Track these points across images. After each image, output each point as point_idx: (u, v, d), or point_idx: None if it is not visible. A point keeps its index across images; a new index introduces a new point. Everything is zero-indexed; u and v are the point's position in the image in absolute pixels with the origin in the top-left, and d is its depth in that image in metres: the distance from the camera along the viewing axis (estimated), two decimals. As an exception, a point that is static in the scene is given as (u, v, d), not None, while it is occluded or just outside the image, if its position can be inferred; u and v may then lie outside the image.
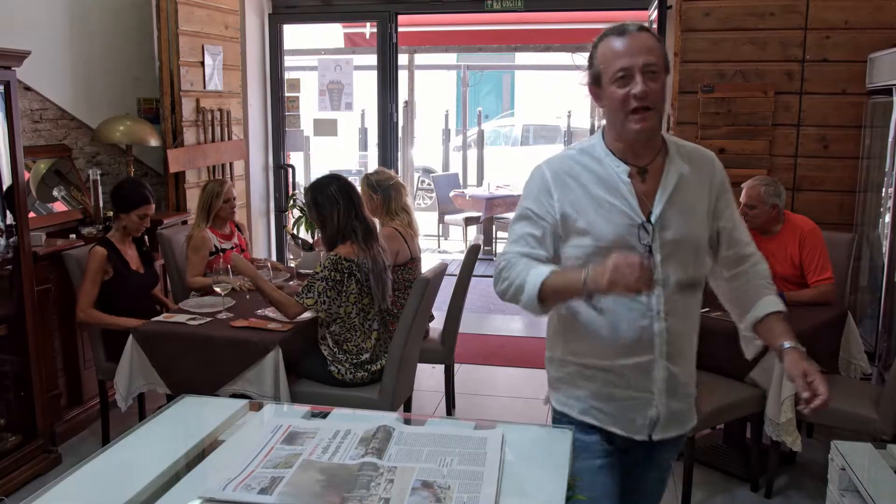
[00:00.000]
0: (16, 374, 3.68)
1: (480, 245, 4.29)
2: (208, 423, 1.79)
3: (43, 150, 4.46)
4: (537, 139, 14.67)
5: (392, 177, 4.10)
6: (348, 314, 3.32)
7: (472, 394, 4.79)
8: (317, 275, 3.28)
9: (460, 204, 9.29)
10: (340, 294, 3.27)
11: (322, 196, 3.35)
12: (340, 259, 3.27)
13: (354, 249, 3.31)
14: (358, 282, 3.30)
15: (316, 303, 3.26)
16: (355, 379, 3.37)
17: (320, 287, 3.26)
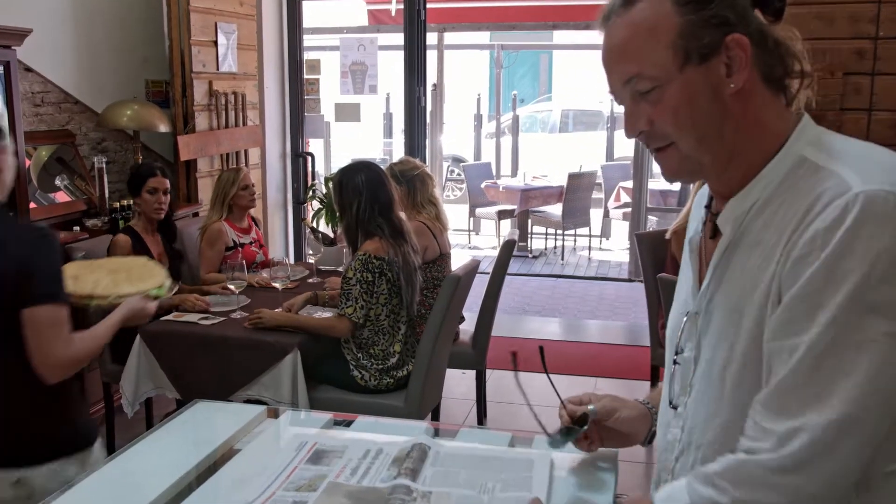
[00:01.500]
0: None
1: (515, 240, 4.26)
2: (223, 431, 1.79)
3: (44, 135, 4.51)
4: (577, 126, 14.59)
5: (418, 166, 4.09)
6: (378, 316, 3.32)
7: (506, 402, 4.77)
8: (349, 279, 3.29)
9: (493, 196, 9.26)
10: (372, 295, 3.28)
11: (348, 181, 3.36)
12: (370, 257, 3.27)
13: (384, 246, 3.31)
14: (388, 281, 3.30)
15: (355, 309, 3.28)
16: (380, 385, 3.37)
17: (356, 291, 3.27)
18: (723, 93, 1.13)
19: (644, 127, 1.17)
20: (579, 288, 7.69)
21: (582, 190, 8.71)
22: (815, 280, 1.02)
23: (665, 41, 1.12)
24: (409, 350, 3.45)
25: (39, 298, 1.96)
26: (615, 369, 5.31)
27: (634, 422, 1.59)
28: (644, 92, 1.15)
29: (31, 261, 1.96)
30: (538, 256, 9.02)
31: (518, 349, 1.68)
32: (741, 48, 1.12)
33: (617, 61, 1.17)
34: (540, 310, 6.92)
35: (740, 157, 1.17)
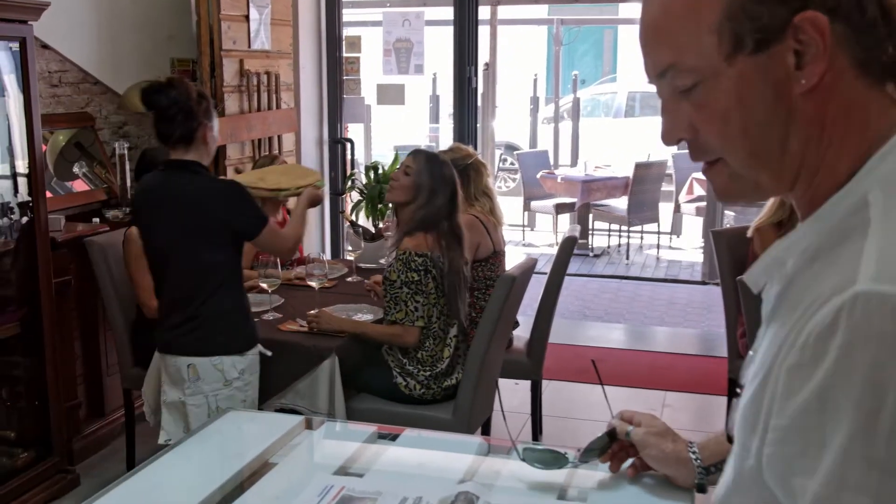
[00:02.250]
0: (29, 379, 3.79)
1: (576, 237, 4.24)
2: (257, 443, 1.81)
3: (62, 118, 4.59)
4: (645, 109, 14.46)
5: (471, 154, 4.09)
6: (429, 317, 3.34)
7: (563, 416, 4.76)
8: (393, 282, 3.31)
9: (550, 187, 9.22)
10: (423, 295, 3.30)
11: (438, 169, 3.40)
12: (411, 255, 3.28)
13: (427, 242, 3.31)
14: (434, 279, 3.31)
15: (406, 314, 3.30)
16: (426, 395, 3.38)
17: (404, 294, 3.29)
18: (789, 91, 0.94)
19: (685, 135, 1.00)
20: (646, 291, 7.63)
21: (650, 181, 8.64)
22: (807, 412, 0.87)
23: (708, 23, 0.94)
24: (459, 357, 3.45)
25: (255, 229, 3.02)
26: (687, 382, 5.26)
27: (666, 464, 1.64)
28: (685, 89, 0.98)
29: (233, 212, 2.98)
30: (600, 255, 8.97)
31: (576, 358, 1.67)
32: (817, 30, 0.91)
33: (650, 46, 1.01)
34: (602, 315, 6.88)
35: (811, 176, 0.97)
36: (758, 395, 0.96)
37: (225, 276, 3.04)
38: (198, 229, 2.98)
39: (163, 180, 3.08)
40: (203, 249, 2.99)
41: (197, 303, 3.01)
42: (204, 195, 3.00)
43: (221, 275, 3.03)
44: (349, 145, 6.73)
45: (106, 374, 4.33)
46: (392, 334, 3.36)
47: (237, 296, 3.09)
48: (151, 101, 3.02)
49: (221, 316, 3.03)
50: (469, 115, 6.39)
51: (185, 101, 2.99)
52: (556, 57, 14.25)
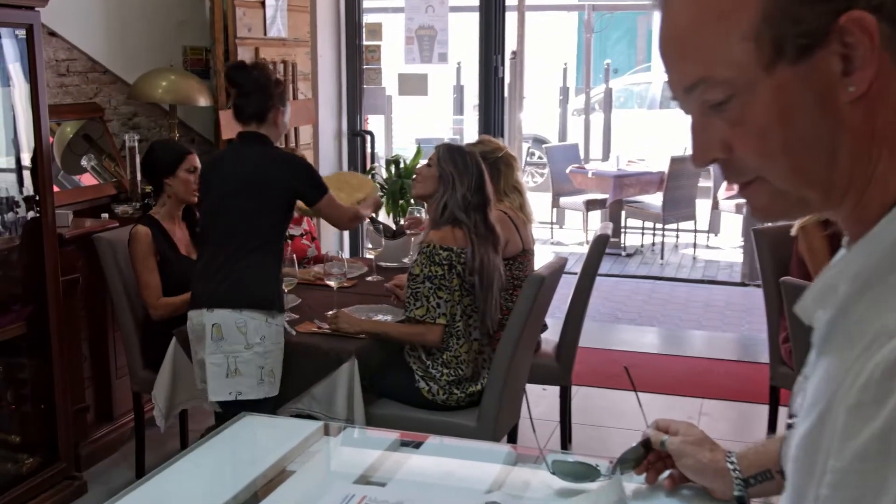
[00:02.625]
0: (35, 382, 3.83)
1: (609, 235, 4.23)
2: (273, 450, 1.82)
3: (69, 109, 4.62)
4: (681, 100, 14.38)
5: (500, 147, 4.09)
6: (452, 315, 3.34)
7: (593, 424, 4.75)
8: (416, 276, 3.31)
9: (580, 183, 9.20)
10: (445, 291, 3.30)
11: (461, 157, 3.42)
12: (435, 249, 3.29)
13: (455, 236, 3.32)
14: (459, 276, 3.31)
15: (427, 311, 3.30)
16: (449, 400, 3.38)
17: (426, 289, 3.29)
18: (835, 100, 0.89)
19: (719, 154, 0.95)
20: (682, 292, 7.60)
21: (686, 177, 8.60)
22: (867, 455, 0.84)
23: (742, 28, 0.88)
24: (485, 361, 3.45)
25: (318, 196, 3.43)
26: (725, 389, 5.23)
27: (703, 475, 1.63)
28: (716, 104, 0.92)
29: (299, 177, 3.39)
30: (633, 255, 8.94)
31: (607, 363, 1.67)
32: (865, 31, 0.85)
33: (675, 59, 0.95)
34: (635, 318, 6.86)
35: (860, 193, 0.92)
36: (814, 433, 0.93)
37: (269, 236, 3.35)
38: (259, 187, 3.32)
39: (234, 147, 3.53)
40: (258, 206, 3.31)
41: (237, 256, 3.29)
42: (273, 159, 3.40)
43: (266, 235, 3.34)
44: (369, 138, 6.74)
45: (115, 376, 4.36)
46: (414, 333, 3.37)
47: (274, 259, 3.38)
48: (233, 77, 3.46)
49: (256, 272, 3.30)
50: (495, 106, 6.39)
51: (264, 82, 3.40)
52: (588, 45, 14.20)
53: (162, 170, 3.94)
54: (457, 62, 13.34)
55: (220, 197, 3.39)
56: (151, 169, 3.99)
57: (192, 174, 3.93)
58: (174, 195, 3.95)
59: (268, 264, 3.34)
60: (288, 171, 3.38)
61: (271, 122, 3.42)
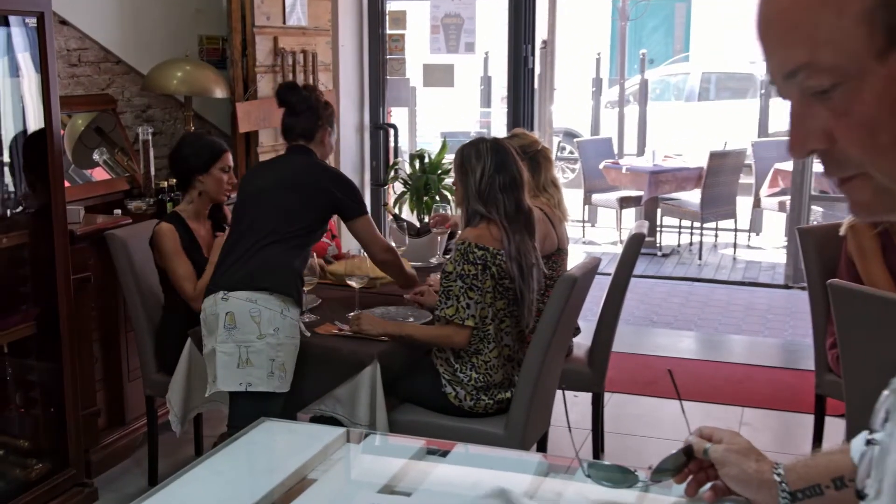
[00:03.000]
0: (44, 384, 3.86)
1: (644, 234, 4.21)
2: (293, 456, 1.82)
3: (81, 101, 4.66)
4: (721, 92, 14.33)
5: (537, 141, 4.09)
6: (483, 318, 3.34)
7: (627, 433, 4.74)
8: (449, 274, 3.32)
9: (614, 179, 9.18)
10: (477, 291, 3.30)
11: (471, 149, 3.43)
12: (471, 246, 3.29)
13: (492, 234, 3.32)
14: (493, 277, 3.30)
15: (457, 311, 3.30)
16: (477, 406, 3.38)
17: (457, 288, 3.30)
18: None
19: (819, 145, 0.92)
20: (721, 295, 7.57)
21: (726, 172, 8.56)
22: None
23: (854, 11, 0.84)
24: (515, 368, 3.45)
25: (356, 213, 3.61)
26: (767, 398, 5.21)
27: (748, 486, 1.61)
28: (820, 92, 0.89)
29: (342, 190, 3.58)
30: (669, 255, 8.90)
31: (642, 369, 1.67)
32: None
33: (776, 42, 0.91)
34: (671, 321, 6.84)
35: None
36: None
37: (299, 235, 3.49)
38: (300, 188, 3.53)
39: (279, 156, 3.86)
40: (295, 205, 3.49)
41: (262, 244, 3.43)
42: (319, 167, 3.65)
43: (297, 233, 3.48)
44: (392, 131, 6.76)
45: (127, 379, 4.39)
46: (440, 335, 3.38)
47: (298, 256, 3.50)
48: (284, 97, 3.70)
49: (278, 260, 3.43)
50: (525, 98, 6.39)
51: (314, 103, 3.67)
52: (622, 34, 14.16)
53: (195, 167, 3.94)
54: (484, 52, 13.33)
55: (256, 190, 3.57)
56: (183, 164, 3.97)
57: (225, 173, 3.96)
58: (205, 193, 3.96)
59: (291, 257, 3.45)
60: (332, 182, 3.58)
61: (318, 140, 3.66)
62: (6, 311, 3.69)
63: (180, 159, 3.98)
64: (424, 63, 6.80)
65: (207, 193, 3.96)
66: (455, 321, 3.30)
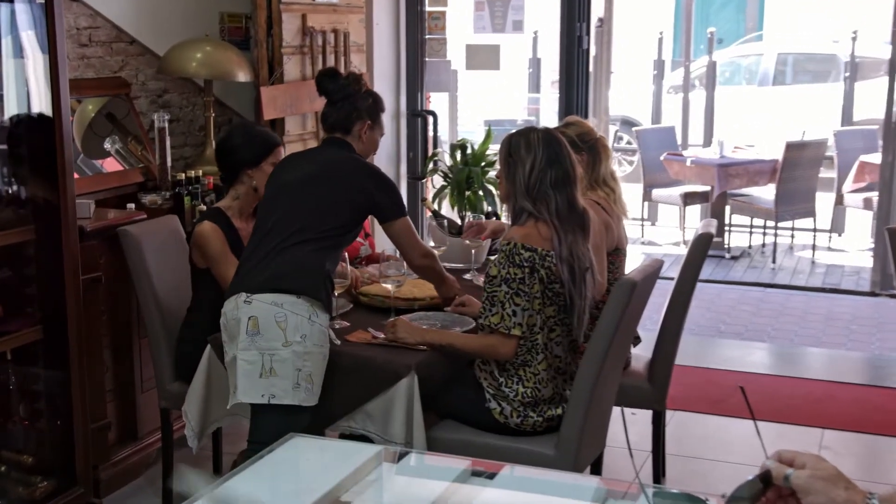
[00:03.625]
0: (50, 395, 3.90)
1: (712, 234, 4.19)
2: (326, 476, 1.83)
3: (92, 84, 4.69)
4: (799, 75, 14.20)
5: (594, 130, 4.09)
6: (530, 326, 3.34)
7: (691, 456, 4.72)
8: (493, 278, 3.31)
9: (677, 173, 9.13)
10: (524, 297, 3.29)
11: (520, 139, 3.43)
12: (517, 247, 3.29)
13: (541, 233, 3.31)
14: (542, 281, 3.30)
15: (502, 319, 3.30)
16: (524, 424, 3.38)
17: (503, 295, 3.29)
18: None
19: None
20: (798, 302, 7.52)
21: (805, 166, 8.49)
22: None
23: None
24: (566, 382, 3.44)
25: (393, 214, 3.63)
26: (851, 419, 5.16)
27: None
28: None
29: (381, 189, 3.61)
30: (739, 257, 8.85)
31: (708, 384, 1.66)
32: None
33: None
34: (741, 331, 6.80)
35: None
36: None
37: (329, 235, 3.51)
38: (334, 183, 3.56)
39: (314, 148, 3.86)
40: (327, 201, 3.52)
41: (289, 243, 3.45)
42: (357, 163, 3.66)
43: (327, 232, 3.50)
44: (431, 119, 6.76)
45: (140, 389, 4.42)
46: (484, 345, 3.38)
47: (328, 257, 3.50)
48: (321, 84, 3.74)
49: (307, 264, 3.45)
50: (578, 83, 6.37)
51: (351, 91, 3.69)
52: (688, 11, 14.05)
53: (245, 160, 3.93)
54: (533, 31, 13.30)
55: (287, 184, 3.60)
56: (232, 156, 3.96)
57: None
58: (252, 189, 3.95)
59: (321, 258, 3.47)
60: (370, 180, 3.62)
61: (356, 135, 3.68)
62: (9, 314, 3.74)
63: (230, 150, 3.97)
64: (467, 43, 6.81)
65: (256, 190, 3.95)
66: (500, 330, 3.30)
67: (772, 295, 7.74)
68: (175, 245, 4.19)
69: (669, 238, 9.57)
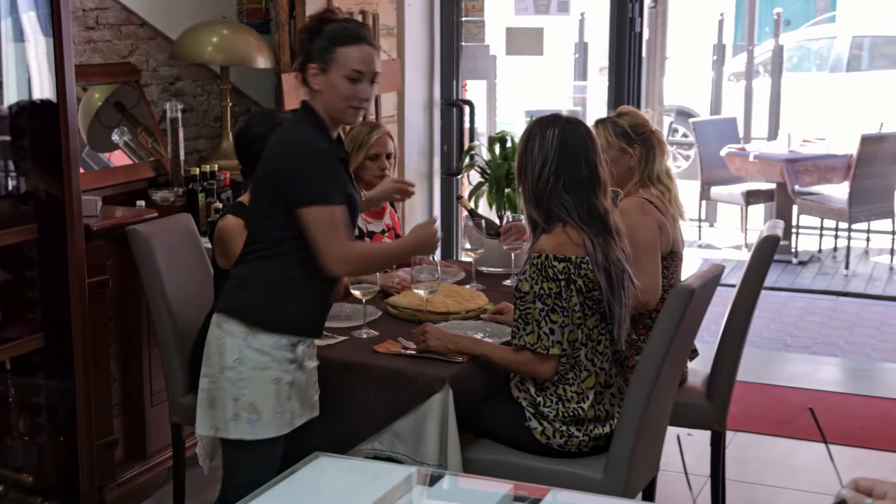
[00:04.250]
0: (53, 408, 3.93)
1: (778, 237, 4.17)
2: (355, 501, 1.84)
3: (99, 71, 4.74)
4: (877, 60, 14.11)
5: (649, 122, 4.08)
6: (571, 342, 3.34)
7: (754, 482, 4.71)
8: (525, 295, 3.31)
9: (738, 169, 9.10)
10: (562, 312, 3.28)
11: (536, 134, 3.41)
12: (548, 259, 3.28)
13: (571, 239, 3.31)
14: (580, 291, 3.30)
15: (539, 338, 3.29)
16: (568, 444, 3.38)
17: (538, 313, 3.29)
18: None
19: None
20: (874, 313, 7.49)
21: (882, 161, 8.44)
22: None
23: None
24: (614, 396, 3.45)
25: (304, 199, 3.18)
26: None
27: None
28: None
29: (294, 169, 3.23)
30: (808, 262, 8.81)
31: (773, 403, 1.66)
32: None
33: None
34: (809, 344, 6.78)
35: None
36: None
37: (275, 244, 3.29)
38: (263, 177, 3.35)
39: None
40: (261, 198, 3.38)
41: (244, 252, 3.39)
42: (274, 142, 3.36)
43: (272, 240, 3.29)
44: (468, 109, 6.77)
45: (150, 403, 4.45)
46: (521, 361, 3.37)
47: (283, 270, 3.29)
48: None
49: (241, 277, 3.36)
50: (630, 69, 6.37)
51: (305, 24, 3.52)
52: (751, -11, 14.01)
53: None
54: (580, 13, 13.29)
55: None
56: (253, 147, 3.86)
57: None
58: None
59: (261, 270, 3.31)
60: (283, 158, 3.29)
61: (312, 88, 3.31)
62: (9, 320, 3.76)
63: (250, 140, 3.93)
64: (508, 26, 6.82)
65: None
66: (538, 350, 3.31)
67: (844, 304, 7.71)
68: (188, 246, 4.20)
69: (730, 241, 9.54)
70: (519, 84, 12.33)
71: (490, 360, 3.45)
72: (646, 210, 3.92)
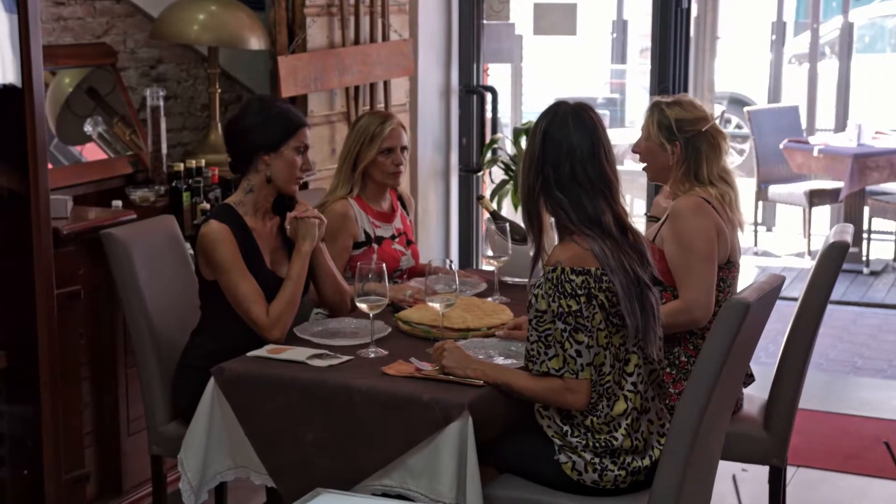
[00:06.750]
0: (16, 437, 3.92)
1: (847, 243, 4.16)
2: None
3: (69, 52, 4.74)
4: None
5: (707, 115, 4.04)
6: (599, 365, 3.34)
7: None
8: (541, 316, 3.30)
9: (801, 164, 9.11)
10: (587, 333, 3.28)
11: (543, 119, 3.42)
12: (565, 273, 3.26)
13: (586, 249, 3.31)
14: (603, 307, 3.30)
15: (565, 362, 3.28)
16: (604, 480, 3.38)
17: (559, 333, 3.29)
18: None
19: None
20: (957, 332, 7.46)
21: (965, 158, 8.44)
22: None
23: None
24: (652, 423, 3.45)
25: None
26: None
27: None
28: None
29: None
30: (881, 273, 8.79)
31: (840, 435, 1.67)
32: None
33: None
34: (884, 367, 6.77)
35: None
36: None
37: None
38: None
39: None
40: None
41: None
42: None
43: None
44: (490, 97, 6.78)
45: (126, 432, 4.46)
46: (550, 389, 3.35)
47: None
48: None
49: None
50: (676, 51, 6.36)
51: None
52: (815, -40, 14.01)
53: (261, 143, 3.90)
54: (619, -13, 13.34)
55: None
56: (245, 139, 3.94)
57: (300, 155, 3.93)
58: (269, 180, 3.93)
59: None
60: None
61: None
62: (-33, 337, 3.79)
63: (243, 131, 3.94)
64: (536, 2, 6.82)
65: (273, 180, 3.93)
66: (566, 375, 3.29)
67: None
68: (171, 253, 4.21)
69: (790, 248, 9.54)
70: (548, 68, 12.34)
71: (513, 389, 3.42)
72: (702, 211, 3.90)
